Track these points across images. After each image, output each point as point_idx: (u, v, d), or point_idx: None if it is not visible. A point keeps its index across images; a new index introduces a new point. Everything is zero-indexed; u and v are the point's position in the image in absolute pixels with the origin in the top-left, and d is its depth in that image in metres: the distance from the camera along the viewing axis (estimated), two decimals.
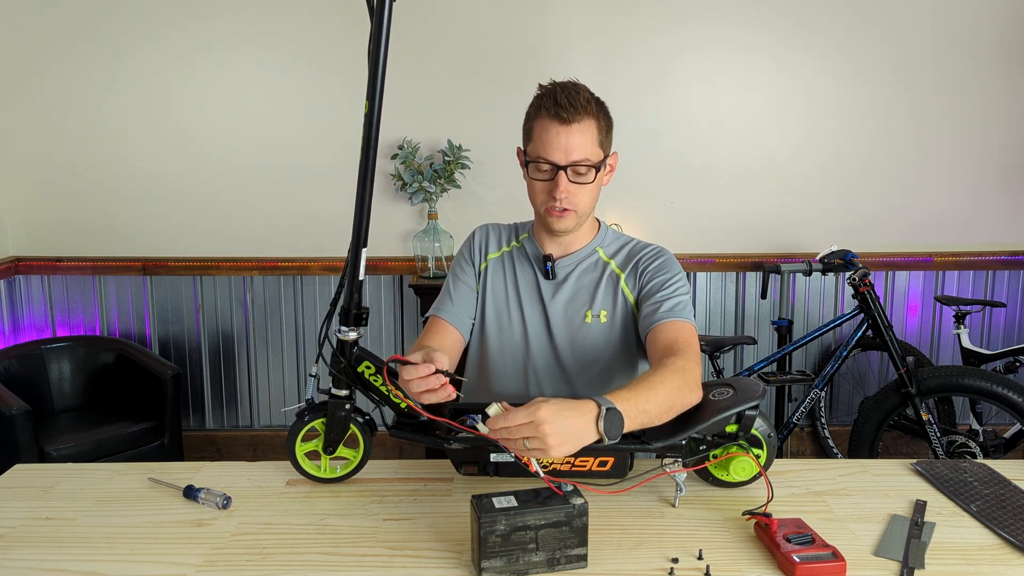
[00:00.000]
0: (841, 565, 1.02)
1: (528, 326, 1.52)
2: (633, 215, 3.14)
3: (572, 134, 1.38)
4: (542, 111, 1.41)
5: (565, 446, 1.07)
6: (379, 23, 1.14)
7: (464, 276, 1.57)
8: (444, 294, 1.57)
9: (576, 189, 1.42)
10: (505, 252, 1.58)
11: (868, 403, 2.75)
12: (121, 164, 3.11)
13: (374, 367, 1.24)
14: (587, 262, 1.54)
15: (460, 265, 1.59)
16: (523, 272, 1.55)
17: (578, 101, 1.38)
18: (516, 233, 1.61)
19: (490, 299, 1.55)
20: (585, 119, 1.39)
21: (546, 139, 1.39)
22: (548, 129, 1.39)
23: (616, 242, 1.57)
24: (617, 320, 1.50)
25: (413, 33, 2.97)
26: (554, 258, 1.53)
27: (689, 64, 3.07)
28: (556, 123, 1.38)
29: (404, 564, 1.06)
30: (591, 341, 1.50)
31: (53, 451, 2.53)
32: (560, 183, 1.40)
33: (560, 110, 1.37)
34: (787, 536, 1.07)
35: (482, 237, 1.61)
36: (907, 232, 3.19)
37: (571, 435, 1.07)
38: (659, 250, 1.54)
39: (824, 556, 1.03)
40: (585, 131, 1.39)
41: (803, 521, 1.12)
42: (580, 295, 1.52)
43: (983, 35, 3.04)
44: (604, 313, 1.50)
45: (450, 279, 1.58)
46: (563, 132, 1.38)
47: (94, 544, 1.12)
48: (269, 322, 3.24)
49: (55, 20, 3.00)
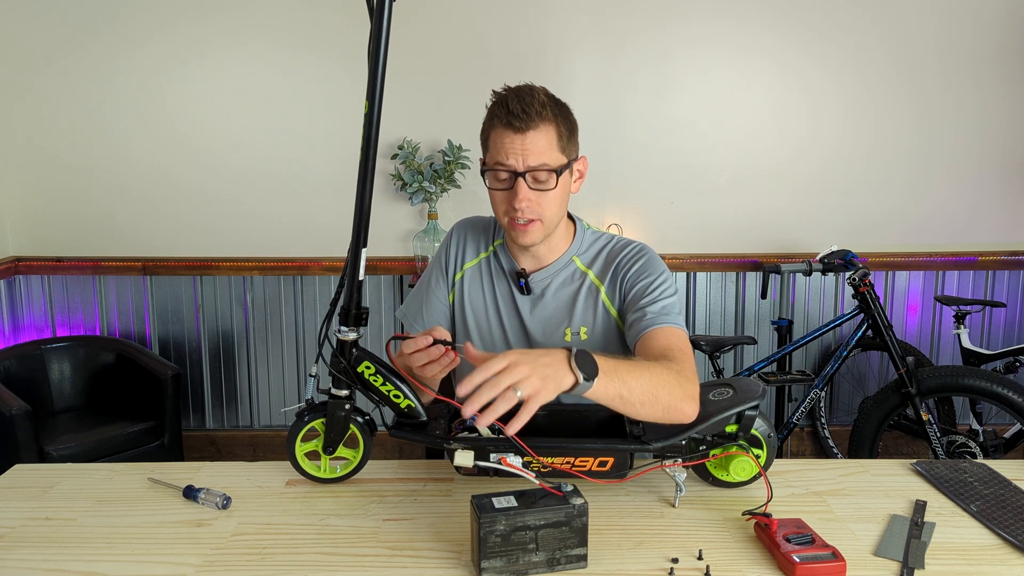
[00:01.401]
0: (841, 565, 1.02)
1: (510, 340, 1.47)
2: (633, 215, 3.14)
3: (528, 139, 1.31)
4: (495, 120, 1.34)
5: (548, 382, 1.04)
6: (379, 23, 1.14)
7: (437, 290, 1.52)
8: (418, 304, 1.53)
9: (538, 197, 1.34)
10: (483, 259, 1.52)
11: (868, 403, 2.75)
12: (121, 164, 3.11)
13: (374, 367, 1.24)
14: (563, 274, 1.46)
15: (435, 275, 1.53)
16: (500, 284, 1.49)
17: (532, 107, 1.30)
18: (493, 234, 1.53)
19: (469, 310, 1.50)
20: (541, 124, 1.31)
21: (501, 146, 1.33)
22: (503, 136, 1.32)
23: (594, 247, 1.49)
24: (598, 336, 1.43)
25: (413, 33, 2.97)
26: (527, 272, 1.46)
27: (689, 64, 3.06)
28: (510, 131, 1.31)
29: (404, 564, 1.06)
30: None
31: (53, 451, 2.53)
32: (520, 191, 1.33)
33: (513, 118, 1.30)
34: (787, 536, 1.07)
35: (459, 242, 1.54)
36: (907, 232, 3.19)
37: (548, 373, 1.04)
38: (639, 250, 1.45)
39: (824, 556, 1.03)
40: (542, 136, 1.32)
41: (803, 521, 1.12)
42: (558, 312, 1.45)
43: (983, 35, 3.04)
44: (584, 330, 1.43)
45: (424, 286, 1.54)
46: (518, 139, 1.31)
47: (94, 544, 1.12)
48: (269, 322, 3.24)
49: (55, 20, 3.00)
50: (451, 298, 1.52)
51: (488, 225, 1.55)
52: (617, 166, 3.09)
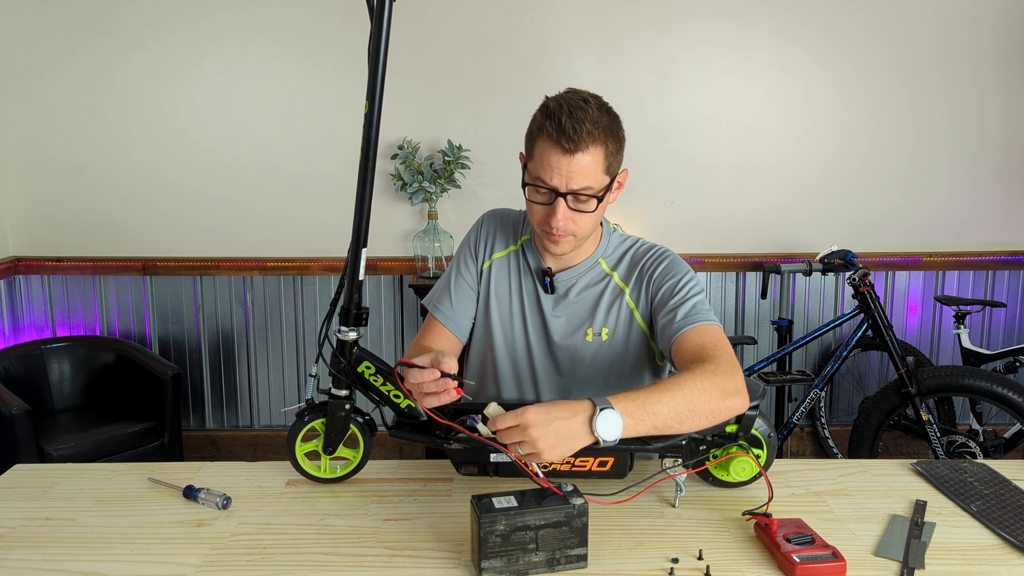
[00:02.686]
0: (841, 565, 1.02)
1: (531, 337, 1.47)
2: (633, 215, 3.14)
3: (574, 163, 1.27)
4: (543, 133, 1.29)
5: (557, 449, 1.05)
6: (379, 23, 1.14)
7: (466, 274, 1.51)
8: (444, 290, 1.51)
9: (575, 216, 1.32)
10: (511, 251, 1.51)
11: (868, 403, 2.75)
12: (121, 164, 3.11)
13: (374, 367, 1.24)
14: (588, 276, 1.46)
15: (464, 259, 1.52)
16: (526, 280, 1.49)
17: (583, 128, 1.25)
18: (522, 227, 1.52)
19: (494, 300, 1.50)
20: (591, 146, 1.27)
21: (546, 162, 1.28)
22: (549, 153, 1.28)
23: (619, 248, 1.49)
24: (619, 337, 1.43)
25: (414, 33, 2.97)
26: (553, 272, 1.45)
27: (689, 64, 3.06)
28: (558, 150, 1.27)
29: (404, 564, 1.06)
30: (592, 359, 1.44)
31: (53, 451, 2.53)
32: (558, 211, 1.30)
33: (562, 138, 1.25)
34: (787, 536, 1.07)
35: (490, 231, 1.53)
36: (907, 232, 3.19)
37: (562, 438, 1.05)
38: (662, 253, 1.45)
39: (824, 556, 1.03)
40: (589, 158, 1.27)
41: (803, 521, 1.12)
42: (580, 312, 1.45)
43: (983, 35, 3.04)
44: (605, 331, 1.43)
45: (453, 272, 1.52)
46: (564, 160, 1.27)
47: (94, 544, 1.12)
48: (269, 322, 3.24)
49: (55, 21, 3.00)
50: (479, 286, 1.51)
51: (518, 219, 1.54)
52: None
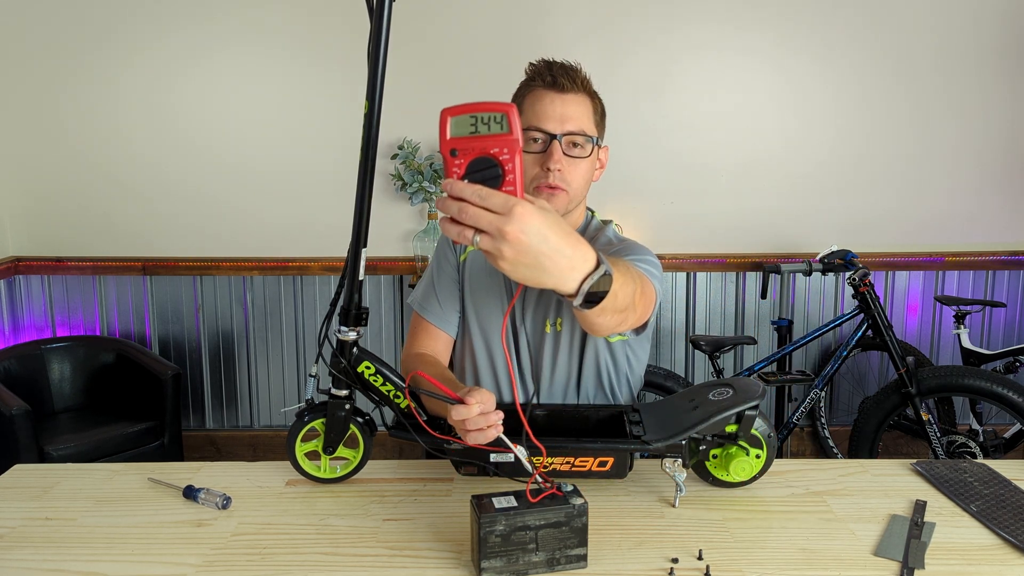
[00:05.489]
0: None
1: (504, 328, 1.47)
2: (633, 215, 3.14)
3: (568, 103, 1.32)
4: (536, 81, 1.35)
5: (520, 270, 0.81)
6: (379, 23, 1.13)
7: (447, 267, 1.51)
8: (428, 289, 1.51)
9: (570, 164, 1.33)
10: None
11: (868, 403, 2.75)
12: (121, 164, 3.11)
13: (374, 367, 1.24)
14: None
15: (444, 254, 1.52)
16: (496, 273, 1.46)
17: (577, 76, 1.34)
18: None
19: (468, 294, 1.49)
20: (581, 93, 1.34)
21: (539, 108, 1.33)
22: (542, 98, 1.33)
23: (596, 237, 1.46)
24: (568, 329, 1.41)
25: (413, 33, 2.97)
26: None
27: (689, 65, 3.06)
28: (552, 91, 1.33)
29: (404, 564, 1.06)
30: (553, 351, 1.43)
31: (53, 451, 2.53)
32: (554, 153, 1.31)
33: (555, 84, 1.32)
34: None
35: None
36: (907, 232, 3.19)
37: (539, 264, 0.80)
38: (632, 243, 1.42)
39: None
40: (581, 104, 1.34)
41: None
42: (543, 302, 1.43)
43: (983, 35, 3.04)
44: (559, 322, 1.42)
45: (434, 269, 1.52)
46: (558, 100, 1.32)
47: (94, 544, 1.12)
48: (269, 322, 3.24)
49: (56, 21, 3.00)
50: (459, 278, 1.51)
51: None
52: (617, 166, 3.08)
